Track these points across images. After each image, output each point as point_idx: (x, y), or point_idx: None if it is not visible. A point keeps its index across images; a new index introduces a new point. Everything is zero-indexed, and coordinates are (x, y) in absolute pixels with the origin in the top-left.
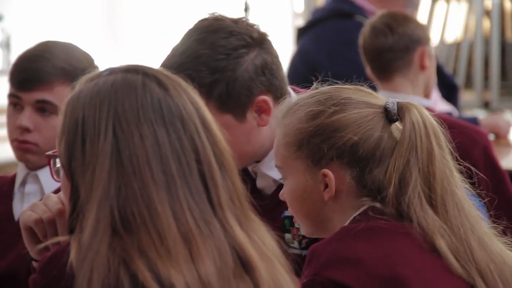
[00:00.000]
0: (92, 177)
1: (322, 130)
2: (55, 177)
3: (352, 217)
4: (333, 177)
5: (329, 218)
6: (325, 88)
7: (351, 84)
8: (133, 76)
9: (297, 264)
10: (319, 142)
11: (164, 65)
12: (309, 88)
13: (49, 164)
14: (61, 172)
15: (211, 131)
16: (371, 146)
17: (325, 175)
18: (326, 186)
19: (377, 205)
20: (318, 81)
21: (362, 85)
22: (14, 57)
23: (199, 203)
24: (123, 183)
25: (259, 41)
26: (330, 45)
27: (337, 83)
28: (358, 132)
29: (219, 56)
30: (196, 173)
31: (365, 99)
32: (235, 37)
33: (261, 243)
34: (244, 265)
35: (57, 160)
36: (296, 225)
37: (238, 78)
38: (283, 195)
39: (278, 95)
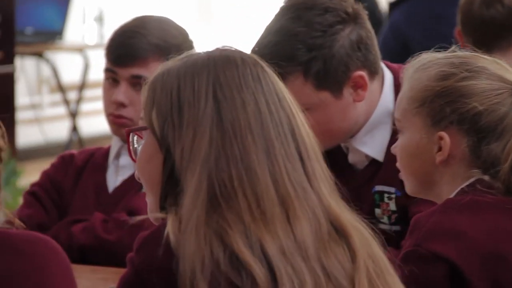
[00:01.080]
0: (191, 143)
1: (449, 92)
2: (132, 155)
3: (459, 188)
4: (449, 141)
5: (435, 181)
6: (463, 53)
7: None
8: (231, 52)
9: (386, 240)
10: (443, 104)
11: (259, 44)
12: (403, 64)
13: (127, 138)
14: (139, 148)
15: (299, 114)
16: (495, 119)
17: (441, 138)
18: (440, 148)
19: (486, 178)
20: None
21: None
22: (107, 31)
23: (296, 170)
24: (223, 147)
25: (354, 16)
26: (422, 20)
27: (476, 50)
28: (485, 103)
29: (315, 34)
30: (293, 145)
31: (500, 73)
32: (330, 13)
33: (352, 219)
34: (338, 232)
35: (135, 139)
36: (386, 200)
37: (335, 54)
38: (395, 148)
39: (373, 70)
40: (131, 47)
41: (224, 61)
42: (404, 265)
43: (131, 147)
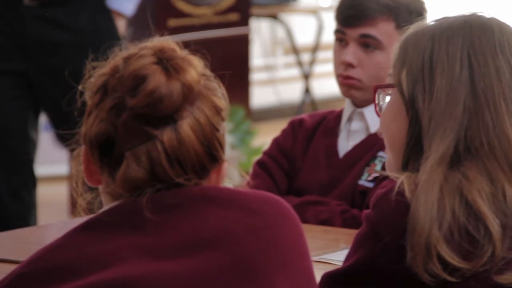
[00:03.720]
0: (443, 109)
1: None
2: (377, 111)
3: None
4: None
5: None
6: None
7: None
8: (488, 19)
9: None
10: None
11: None
12: None
13: (374, 94)
14: (384, 106)
15: None
16: None
17: None
18: None
19: None
20: None
21: None
22: None
23: None
24: (476, 114)
25: None
26: None
27: None
28: None
29: None
30: None
31: None
32: None
33: None
34: None
35: (381, 96)
36: None
37: None
38: None
39: None
40: (360, 7)
41: (480, 26)
42: None
43: (377, 104)
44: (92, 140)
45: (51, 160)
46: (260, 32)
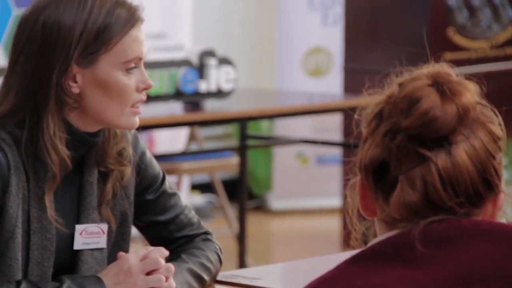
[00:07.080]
0: None
1: None
2: None
3: None
4: None
5: None
6: None
7: None
8: None
9: None
10: None
11: None
12: None
13: None
14: None
15: None
16: None
17: None
18: None
19: None
20: None
21: None
22: None
23: None
24: None
25: None
26: None
27: None
28: None
29: None
30: None
31: None
32: None
33: None
34: None
35: None
36: None
37: None
38: None
39: None
40: None
41: None
42: None
43: None
44: (367, 165)
45: (324, 193)
46: None
